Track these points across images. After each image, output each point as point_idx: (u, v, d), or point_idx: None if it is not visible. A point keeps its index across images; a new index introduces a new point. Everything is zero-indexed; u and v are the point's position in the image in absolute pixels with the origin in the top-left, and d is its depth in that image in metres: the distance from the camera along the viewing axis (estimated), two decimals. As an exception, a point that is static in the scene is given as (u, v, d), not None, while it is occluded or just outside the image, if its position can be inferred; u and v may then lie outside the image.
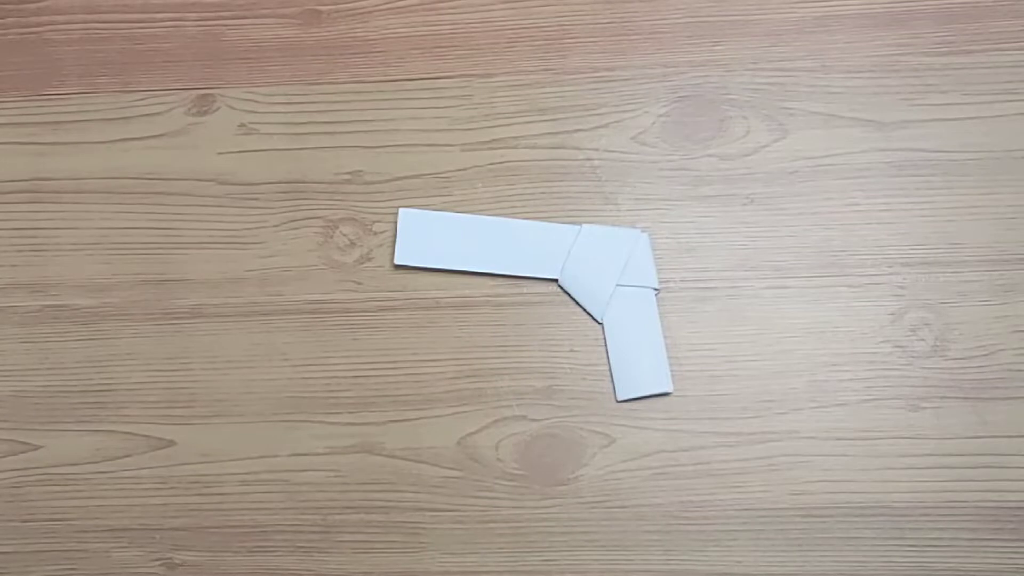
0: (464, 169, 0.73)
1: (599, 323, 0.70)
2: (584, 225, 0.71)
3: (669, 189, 0.72)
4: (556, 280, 0.71)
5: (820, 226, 0.71)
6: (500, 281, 0.72)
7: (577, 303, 0.71)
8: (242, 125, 0.75)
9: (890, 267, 0.70)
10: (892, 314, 0.70)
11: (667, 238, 0.71)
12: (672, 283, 0.70)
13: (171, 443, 0.71)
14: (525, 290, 0.72)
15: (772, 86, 0.73)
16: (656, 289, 0.70)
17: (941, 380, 0.69)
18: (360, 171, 0.73)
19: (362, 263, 0.72)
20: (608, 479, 0.69)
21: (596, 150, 0.73)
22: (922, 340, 0.69)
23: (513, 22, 0.75)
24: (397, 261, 0.71)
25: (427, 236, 0.71)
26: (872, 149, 0.72)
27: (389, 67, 0.75)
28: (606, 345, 0.70)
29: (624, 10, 0.75)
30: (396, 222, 0.71)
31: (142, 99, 0.75)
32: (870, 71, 0.73)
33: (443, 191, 0.72)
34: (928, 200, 0.71)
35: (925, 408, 0.69)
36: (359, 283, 0.72)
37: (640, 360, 0.69)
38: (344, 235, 0.73)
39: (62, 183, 0.75)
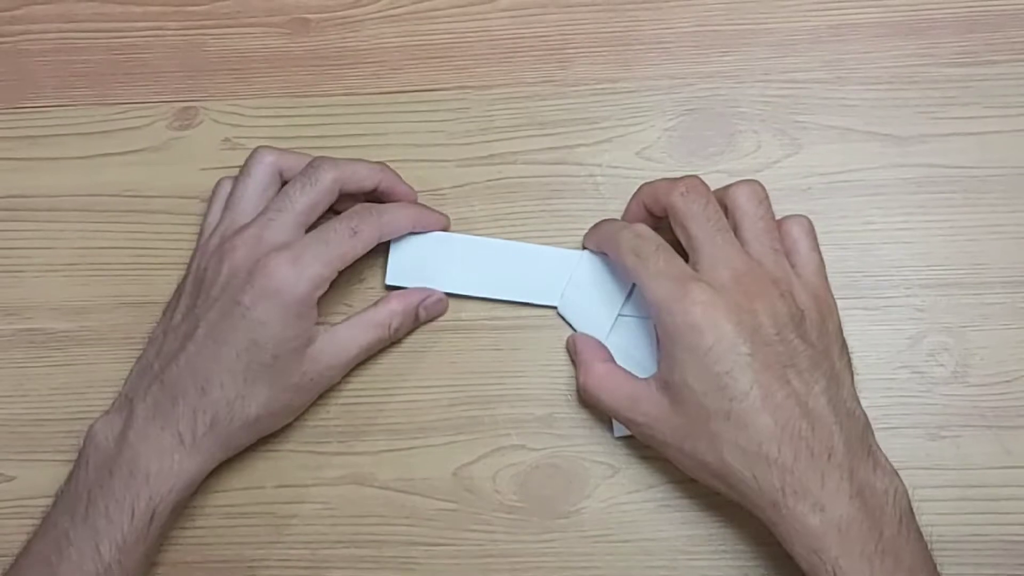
0: (460, 186, 0.79)
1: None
2: (586, 251, 0.76)
3: None
4: (555, 307, 0.76)
5: (835, 246, 0.76)
6: (498, 304, 0.77)
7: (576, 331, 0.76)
8: (226, 140, 0.81)
9: (908, 289, 0.76)
10: (910, 338, 0.75)
11: None
12: None
13: None
14: (524, 314, 0.77)
15: (784, 98, 0.80)
16: None
17: (962, 408, 0.74)
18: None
19: (354, 284, 0.78)
20: (611, 511, 0.74)
21: (599, 166, 0.79)
22: (942, 366, 0.75)
23: (512, 31, 0.82)
24: (388, 282, 0.76)
25: (419, 256, 0.76)
26: (889, 165, 0.78)
27: (382, 78, 0.82)
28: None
29: (629, 19, 0.82)
30: (388, 241, 0.76)
31: (121, 112, 0.82)
32: (887, 83, 0.79)
33: (438, 207, 0.78)
34: (948, 218, 0.77)
35: (945, 437, 0.73)
36: (350, 305, 0.77)
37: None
38: None
39: (37, 200, 0.81)
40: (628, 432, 0.72)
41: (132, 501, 0.67)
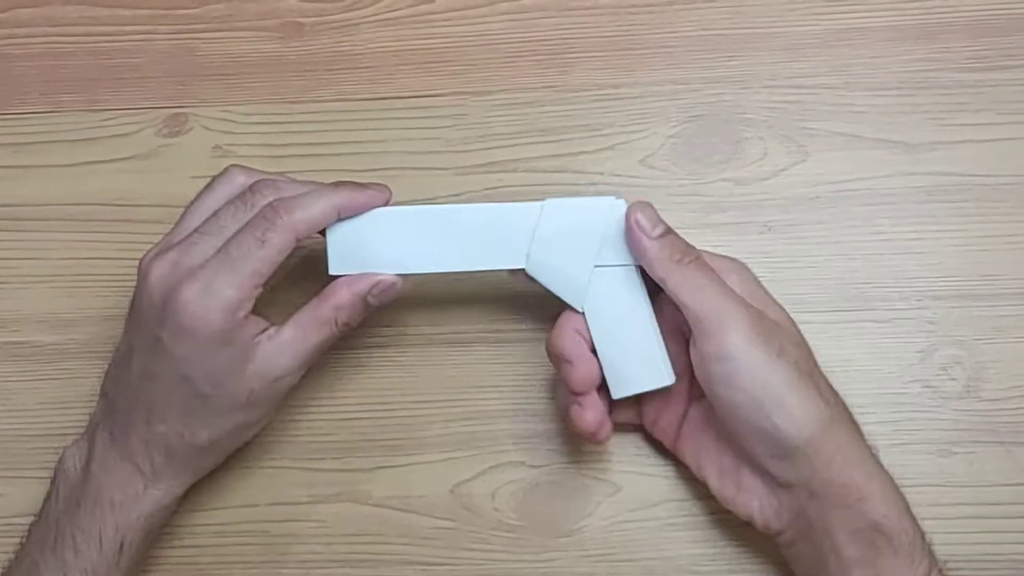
0: (458, 194, 0.79)
1: (579, 312, 0.69)
2: (548, 200, 0.70)
3: (680, 216, 0.76)
4: (522, 270, 0.70)
5: (843, 256, 0.77)
6: (497, 316, 0.77)
7: (550, 292, 0.70)
8: (217, 147, 0.82)
9: (919, 301, 0.76)
10: (921, 351, 0.75)
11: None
12: None
13: None
14: (525, 327, 0.77)
15: (791, 104, 0.80)
16: (639, 266, 0.69)
17: (974, 423, 0.74)
18: None
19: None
20: (614, 530, 0.74)
21: (601, 174, 0.80)
22: (954, 380, 0.75)
23: (512, 35, 0.83)
24: (332, 271, 0.71)
25: (361, 238, 0.70)
26: (899, 173, 0.78)
27: (377, 84, 0.82)
28: (591, 337, 0.69)
29: (631, 22, 0.82)
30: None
31: (109, 119, 0.83)
32: (897, 88, 0.80)
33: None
34: (960, 228, 0.77)
35: (957, 453, 0.74)
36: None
37: (633, 351, 0.69)
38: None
39: (23, 209, 0.81)
40: (627, 394, 0.70)
41: (99, 531, 0.67)
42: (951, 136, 0.79)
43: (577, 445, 0.75)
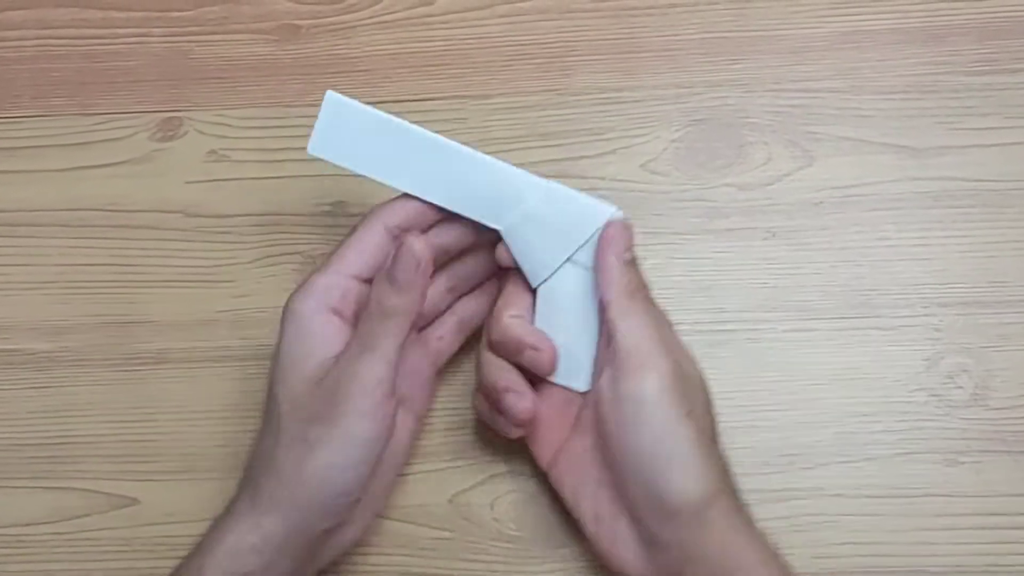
0: (457, 200, 0.80)
1: (531, 291, 0.70)
2: (552, 182, 0.69)
3: (682, 222, 0.78)
4: (498, 231, 0.69)
5: (849, 263, 0.77)
6: None
7: (514, 261, 0.70)
8: (212, 151, 0.82)
9: (925, 308, 0.76)
10: (927, 359, 0.75)
11: (680, 276, 0.77)
12: (686, 325, 0.75)
13: (134, 501, 0.76)
14: None
15: (796, 108, 0.80)
16: None
17: (982, 432, 0.74)
18: (342, 202, 0.80)
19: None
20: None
21: (602, 179, 0.80)
22: (961, 388, 0.75)
23: (511, 38, 0.83)
24: (310, 151, 0.70)
25: (354, 132, 0.69)
26: (906, 178, 0.78)
27: (375, 87, 0.82)
28: (533, 317, 0.70)
29: (633, 25, 0.82)
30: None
31: (102, 123, 0.83)
32: (904, 92, 0.80)
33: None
34: (967, 234, 0.77)
35: (964, 463, 0.74)
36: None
37: (567, 345, 0.69)
38: None
39: (14, 215, 0.81)
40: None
41: None
42: (959, 140, 0.79)
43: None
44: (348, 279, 0.67)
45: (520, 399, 0.67)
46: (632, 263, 0.68)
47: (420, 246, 0.65)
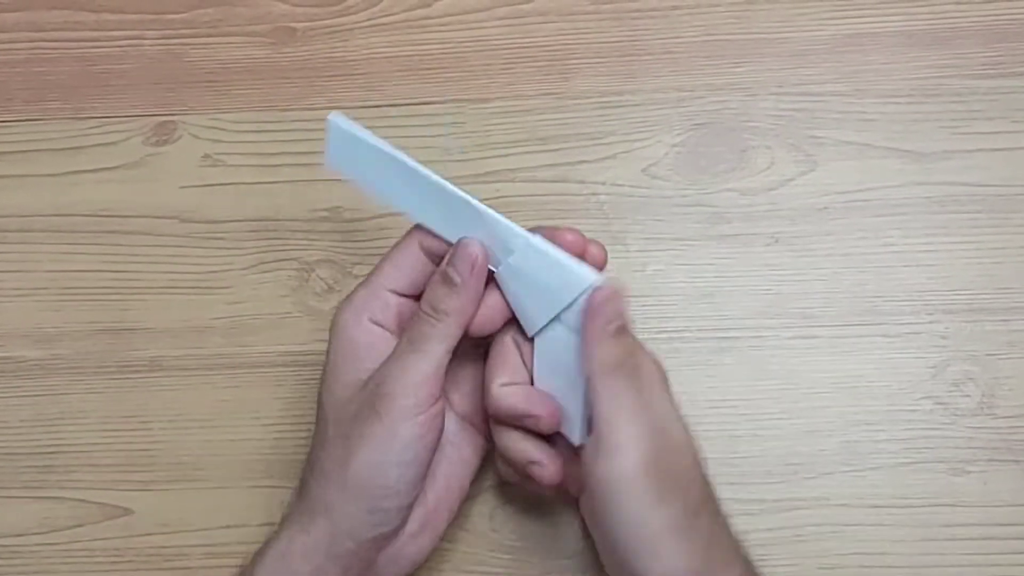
0: (456, 205, 0.80)
1: (516, 349, 0.68)
2: (538, 237, 0.66)
3: (684, 227, 0.78)
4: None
5: (853, 269, 0.77)
6: None
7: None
8: (207, 156, 0.82)
9: (931, 315, 0.76)
10: (933, 367, 0.76)
11: (682, 282, 0.77)
12: (688, 332, 0.76)
13: (128, 511, 0.76)
14: None
15: (799, 112, 0.80)
16: None
17: (988, 441, 0.74)
18: (338, 207, 0.80)
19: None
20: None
21: (603, 184, 0.80)
22: (967, 396, 0.75)
23: (510, 41, 0.83)
24: (329, 165, 0.69)
25: (361, 157, 0.68)
26: (911, 183, 0.79)
27: (372, 91, 0.82)
28: (531, 370, 0.68)
29: (634, 27, 0.83)
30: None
31: (95, 127, 0.83)
32: (908, 95, 0.80)
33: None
34: (973, 240, 0.77)
35: (970, 472, 0.74)
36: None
37: (563, 398, 0.67)
38: (321, 279, 0.79)
39: (6, 220, 0.81)
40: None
41: None
42: (964, 145, 0.79)
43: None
44: (386, 292, 0.68)
45: (545, 470, 0.67)
46: (621, 332, 0.65)
47: (477, 247, 0.66)
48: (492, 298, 0.67)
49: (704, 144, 0.81)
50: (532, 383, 0.68)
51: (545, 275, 0.66)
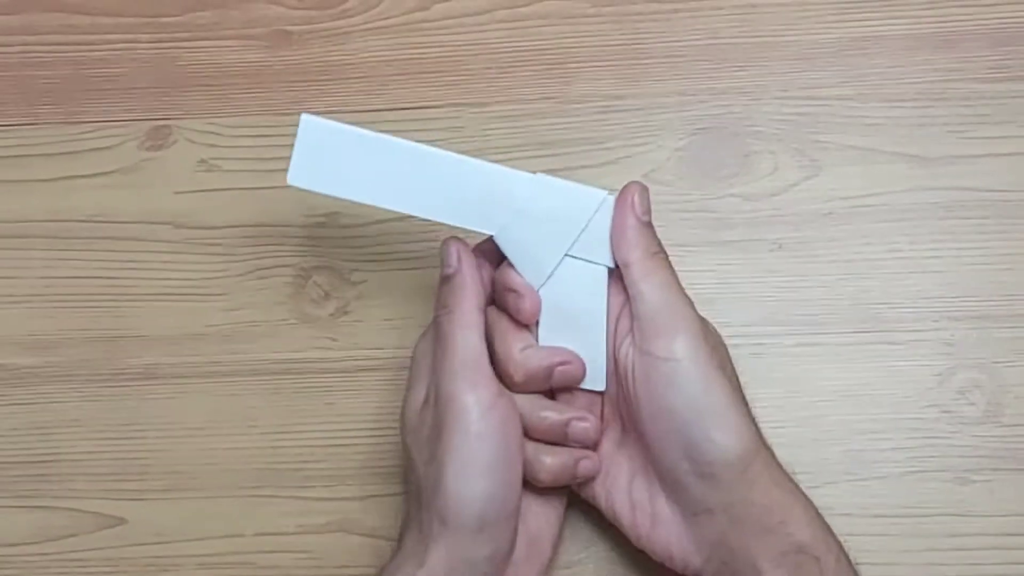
0: (454, 210, 0.81)
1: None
2: (540, 174, 0.68)
3: (686, 233, 0.79)
4: (491, 236, 0.69)
5: (857, 275, 0.77)
6: None
7: (511, 265, 0.69)
8: (202, 161, 0.82)
9: (936, 322, 0.77)
10: (939, 375, 0.76)
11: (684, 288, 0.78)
12: None
13: (122, 521, 0.76)
14: None
15: (803, 116, 0.80)
16: (610, 268, 0.68)
17: (994, 450, 0.74)
18: (336, 213, 0.80)
19: (338, 317, 0.79)
20: (616, 562, 0.74)
21: (603, 189, 0.79)
22: (973, 404, 0.75)
23: (510, 44, 0.83)
24: (290, 181, 0.68)
25: (334, 154, 0.68)
26: (916, 188, 0.79)
27: (370, 95, 0.83)
28: (538, 323, 0.69)
29: (635, 31, 0.83)
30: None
31: (89, 131, 0.83)
32: (914, 100, 0.80)
33: (429, 235, 0.79)
34: (980, 246, 0.78)
35: (976, 481, 0.74)
36: (335, 339, 0.78)
37: (578, 347, 0.69)
38: (318, 285, 0.79)
39: (-1, 226, 0.82)
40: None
41: None
42: (971, 150, 0.79)
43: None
44: None
45: (589, 423, 0.68)
46: (650, 225, 0.68)
47: (454, 239, 0.69)
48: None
49: (707, 149, 0.81)
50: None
51: (553, 208, 0.68)
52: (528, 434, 0.68)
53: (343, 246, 0.80)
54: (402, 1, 0.85)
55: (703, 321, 0.67)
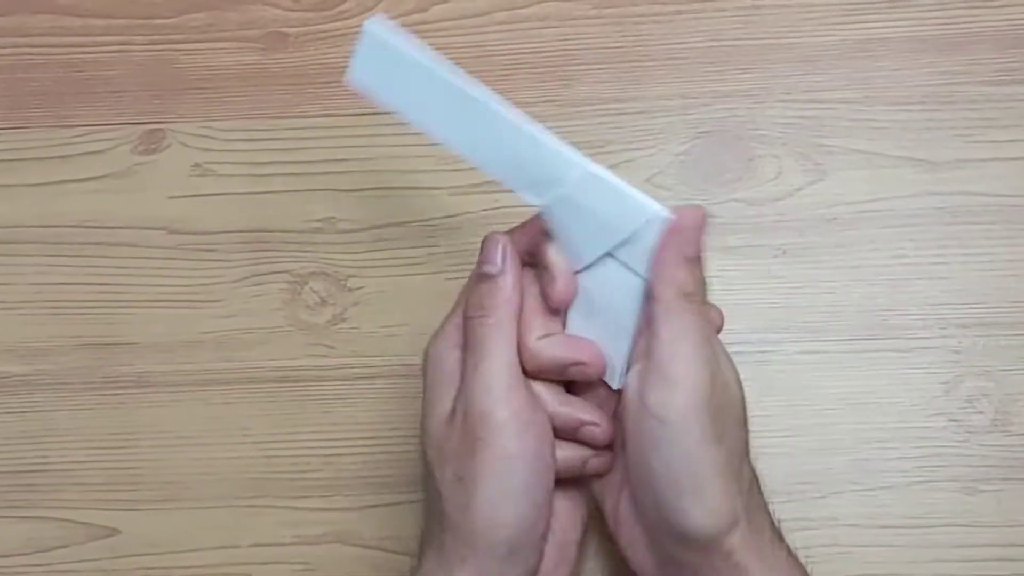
0: (453, 215, 0.80)
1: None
2: (597, 167, 0.64)
3: None
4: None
5: (863, 281, 0.78)
6: None
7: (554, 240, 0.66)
8: (196, 165, 0.82)
9: (943, 329, 0.77)
10: (946, 383, 0.76)
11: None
12: None
13: (114, 531, 0.76)
14: None
15: (807, 120, 0.81)
16: (645, 279, 0.65)
17: (1002, 459, 0.75)
18: (333, 218, 0.81)
19: (335, 324, 0.79)
20: (617, 573, 0.74)
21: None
22: (980, 413, 0.76)
23: (509, 46, 0.83)
24: (349, 81, 0.66)
25: (394, 71, 0.66)
26: (923, 193, 0.79)
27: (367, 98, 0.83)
28: (564, 317, 0.67)
29: (637, 32, 0.83)
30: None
31: (82, 135, 0.83)
32: (920, 103, 0.81)
33: (429, 240, 0.79)
34: (987, 251, 0.78)
35: (984, 491, 0.74)
36: (331, 347, 0.78)
37: (602, 340, 0.66)
38: (314, 292, 0.80)
39: (-11, 232, 0.81)
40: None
41: None
42: (978, 154, 0.80)
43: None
44: None
45: (599, 429, 0.66)
46: (695, 261, 0.64)
47: (500, 236, 0.65)
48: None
49: (710, 153, 0.81)
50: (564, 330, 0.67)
51: (602, 206, 0.64)
52: None
53: (340, 252, 0.80)
54: (400, 3, 0.85)
55: (715, 377, 0.62)
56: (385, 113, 0.79)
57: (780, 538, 0.65)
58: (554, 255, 0.65)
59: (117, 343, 0.80)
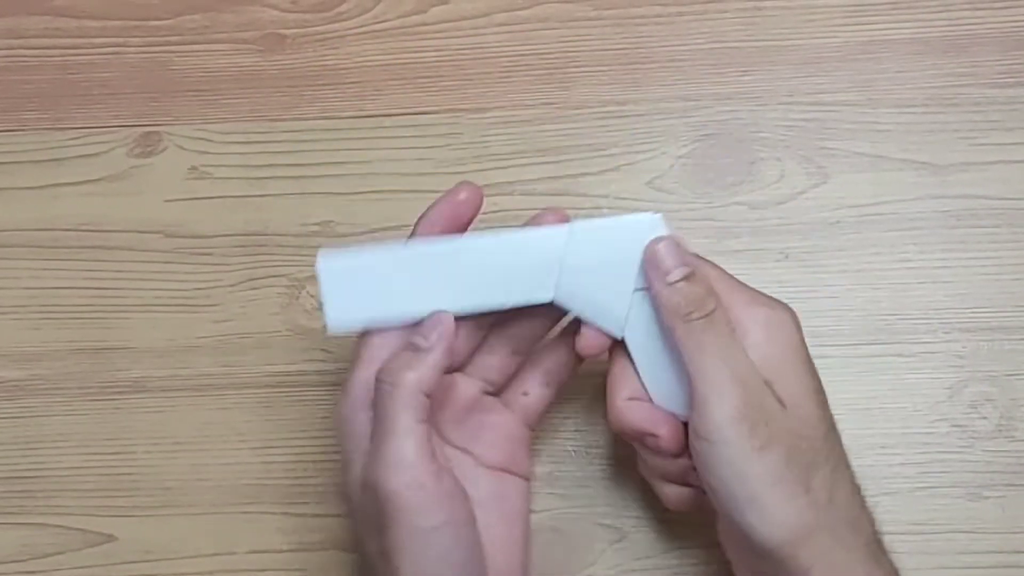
0: (452, 219, 0.82)
1: (618, 340, 0.67)
2: (576, 222, 0.66)
3: (690, 242, 0.77)
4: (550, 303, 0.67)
5: (866, 286, 0.78)
6: None
7: (584, 321, 0.67)
8: (193, 168, 0.83)
9: (947, 333, 0.77)
10: (950, 388, 0.77)
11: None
12: None
13: (110, 538, 0.77)
14: None
15: (810, 123, 0.81)
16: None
17: (1007, 465, 0.75)
18: (330, 221, 0.81)
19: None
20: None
21: (605, 197, 0.81)
22: (985, 418, 0.76)
23: (509, 48, 0.84)
24: (331, 330, 0.67)
25: (363, 284, 0.67)
26: (926, 196, 0.79)
27: (364, 100, 0.83)
28: (632, 361, 0.67)
29: (638, 34, 0.84)
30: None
31: (77, 138, 0.84)
32: (924, 105, 0.81)
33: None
34: (992, 255, 0.78)
35: (988, 497, 0.75)
36: (329, 352, 0.79)
37: (674, 371, 0.66)
38: (312, 296, 0.80)
39: (-17, 235, 0.82)
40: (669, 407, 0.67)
41: None
42: (982, 157, 0.80)
43: (579, 489, 0.76)
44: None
45: (661, 440, 0.66)
46: (685, 279, 0.64)
47: (446, 315, 0.65)
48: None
49: (711, 156, 0.82)
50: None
51: (603, 252, 0.66)
52: None
53: (338, 256, 0.81)
54: (398, 4, 0.86)
55: (748, 385, 0.62)
56: (385, 115, 0.81)
57: (877, 559, 0.64)
58: (590, 339, 0.67)
59: (113, 348, 0.80)
